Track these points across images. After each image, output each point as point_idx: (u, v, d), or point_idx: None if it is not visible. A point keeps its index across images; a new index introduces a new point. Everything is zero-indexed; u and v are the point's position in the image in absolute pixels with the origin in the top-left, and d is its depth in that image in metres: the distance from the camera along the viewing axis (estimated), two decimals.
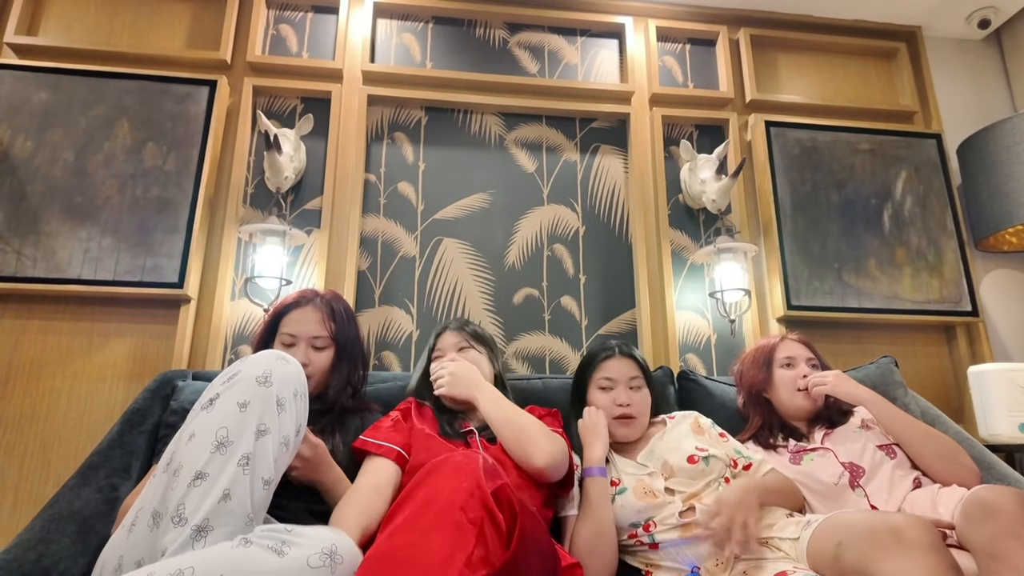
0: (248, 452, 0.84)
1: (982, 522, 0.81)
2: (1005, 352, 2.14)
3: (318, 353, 1.25)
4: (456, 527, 0.78)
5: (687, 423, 1.34)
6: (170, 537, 0.77)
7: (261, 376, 0.90)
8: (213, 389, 0.90)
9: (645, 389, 1.35)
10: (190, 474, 0.80)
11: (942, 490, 1.18)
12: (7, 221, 1.71)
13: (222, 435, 0.84)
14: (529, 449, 1.13)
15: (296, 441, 0.94)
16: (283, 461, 0.91)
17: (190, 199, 1.79)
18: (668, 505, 1.16)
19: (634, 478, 1.22)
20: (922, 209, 2.15)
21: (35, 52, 1.89)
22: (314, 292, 1.33)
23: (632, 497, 1.19)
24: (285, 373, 0.93)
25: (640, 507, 1.17)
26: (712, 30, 2.27)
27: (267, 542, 0.75)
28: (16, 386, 1.68)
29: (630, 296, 2.01)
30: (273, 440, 0.88)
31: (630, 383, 1.34)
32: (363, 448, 1.17)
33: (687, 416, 1.37)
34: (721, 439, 1.31)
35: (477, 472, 0.85)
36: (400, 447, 1.17)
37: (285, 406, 0.91)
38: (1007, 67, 2.47)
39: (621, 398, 1.31)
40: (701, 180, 2.01)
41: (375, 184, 1.99)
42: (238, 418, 0.86)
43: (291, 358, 0.97)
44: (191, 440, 0.84)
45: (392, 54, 2.12)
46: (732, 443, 1.31)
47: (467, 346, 1.39)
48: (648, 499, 1.17)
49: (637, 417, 1.31)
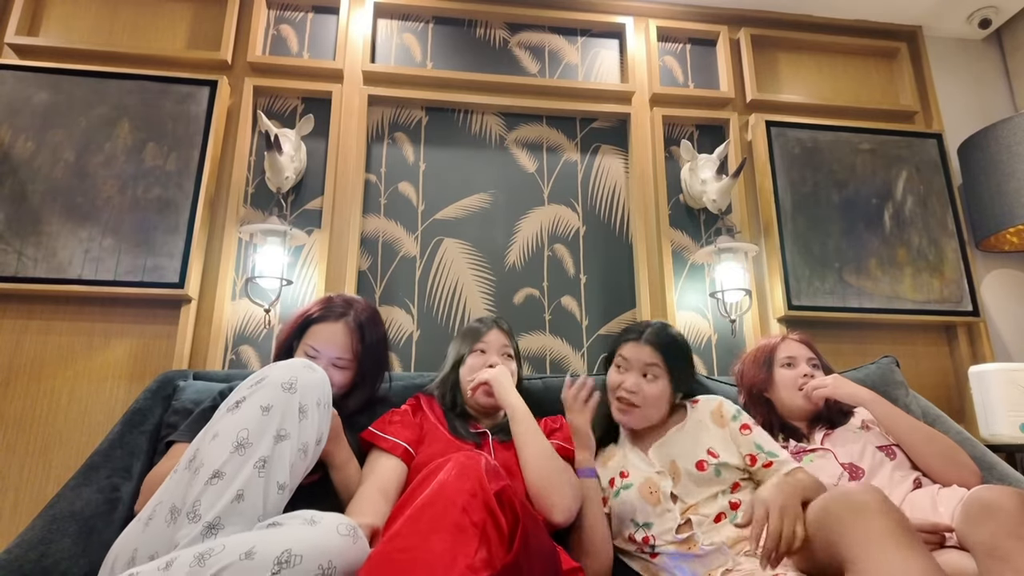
0: (265, 455, 0.85)
1: (982, 522, 0.81)
2: (1006, 352, 2.13)
3: (338, 371, 1.22)
4: (458, 529, 0.77)
5: (708, 411, 1.27)
6: (183, 532, 0.79)
7: (287, 382, 0.92)
8: (240, 392, 0.92)
9: (662, 381, 1.26)
10: (209, 472, 0.82)
11: (942, 490, 1.17)
12: (8, 221, 1.71)
13: (243, 436, 0.86)
14: (554, 500, 1.10)
15: (316, 450, 0.96)
16: (300, 468, 0.92)
17: (191, 199, 1.79)
18: (667, 515, 1.14)
19: (642, 475, 1.20)
20: (923, 209, 2.15)
21: (36, 52, 1.89)
22: (347, 304, 1.26)
23: (636, 494, 1.18)
24: (310, 381, 0.95)
25: (641, 507, 1.16)
26: (713, 30, 2.27)
27: (294, 521, 0.79)
28: (17, 386, 1.68)
29: (631, 296, 2.00)
30: (291, 446, 0.89)
31: (645, 370, 1.26)
32: (371, 440, 1.17)
33: (710, 402, 1.29)
34: (743, 433, 1.22)
35: (480, 473, 0.84)
36: (408, 443, 1.17)
37: (307, 413, 0.92)
38: (1008, 67, 2.46)
39: (628, 383, 1.25)
40: (702, 180, 2.01)
41: (375, 184, 1.99)
42: (260, 421, 0.87)
43: (318, 368, 0.99)
44: (214, 440, 0.86)
45: (392, 54, 2.12)
46: (755, 436, 1.21)
47: (510, 354, 1.35)
48: (651, 500, 1.16)
49: (640, 407, 1.24)
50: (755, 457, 1.19)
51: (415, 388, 1.47)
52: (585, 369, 1.91)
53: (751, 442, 1.21)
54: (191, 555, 0.72)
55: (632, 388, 1.24)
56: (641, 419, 1.26)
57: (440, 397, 1.33)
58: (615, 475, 1.25)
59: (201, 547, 0.73)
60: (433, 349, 1.86)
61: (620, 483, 1.22)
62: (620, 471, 1.24)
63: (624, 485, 1.20)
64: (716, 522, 1.12)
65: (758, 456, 1.18)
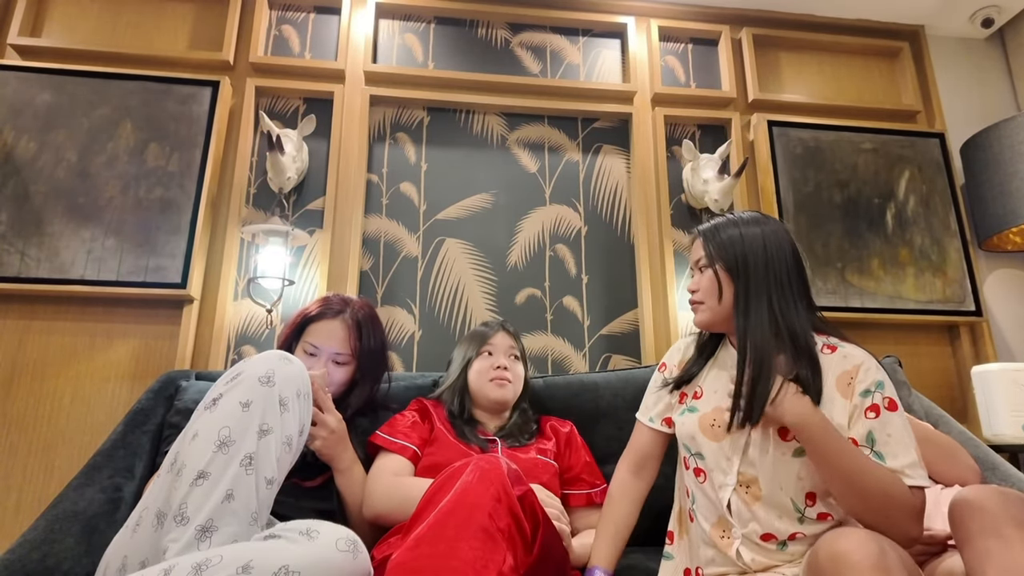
0: (251, 452, 0.84)
1: (966, 522, 0.81)
2: (1009, 352, 2.13)
3: (338, 368, 1.23)
4: (486, 535, 0.76)
5: (839, 370, 0.95)
6: (172, 536, 0.77)
7: (264, 376, 0.90)
8: (216, 389, 0.90)
9: (709, 272, 1.04)
10: (192, 473, 0.80)
11: (944, 491, 1.17)
12: (11, 222, 1.72)
13: (224, 435, 0.84)
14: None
15: (300, 441, 0.95)
16: (286, 461, 0.91)
17: (193, 200, 1.79)
18: (720, 472, 0.97)
19: (711, 404, 1.03)
20: (925, 209, 2.14)
21: (38, 53, 1.90)
22: (344, 303, 1.28)
23: (695, 425, 1.02)
24: (288, 373, 0.93)
25: (701, 439, 1.00)
26: (714, 30, 2.26)
27: (292, 534, 0.77)
28: (20, 386, 1.68)
29: (632, 296, 2.00)
30: (276, 440, 0.88)
31: (697, 265, 1.07)
32: (379, 444, 1.17)
33: (849, 359, 0.95)
34: (866, 417, 0.90)
35: (503, 477, 0.83)
36: (417, 447, 1.17)
37: (288, 406, 0.91)
38: (1010, 66, 2.46)
39: (693, 283, 1.06)
40: (703, 180, 2.01)
41: (377, 184, 2.00)
42: (240, 418, 0.86)
43: (294, 358, 0.97)
44: (194, 440, 0.84)
45: (394, 54, 2.12)
46: (881, 422, 0.89)
47: (517, 356, 1.36)
48: (710, 435, 0.99)
49: (704, 302, 1.04)
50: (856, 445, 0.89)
51: (416, 388, 1.48)
52: (586, 369, 1.91)
53: (866, 428, 0.90)
54: (189, 565, 0.71)
55: (695, 286, 1.06)
56: (708, 316, 1.05)
57: (448, 402, 1.33)
58: (689, 392, 1.09)
59: (199, 556, 0.72)
60: (435, 349, 1.86)
61: (686, 403, 1.07)
62: (695, 390, 1.08)
63: (689, 407, 1.05)
64: (763, 540, 0.93)
65: (862, 449, 0.88)
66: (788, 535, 0.93)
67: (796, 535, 0.92)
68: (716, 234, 1.05)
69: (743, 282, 1.00)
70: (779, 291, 0.98)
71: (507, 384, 1.29)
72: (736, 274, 1.01)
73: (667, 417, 1.11)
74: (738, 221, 1.05)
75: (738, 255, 1.01)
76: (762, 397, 0.92)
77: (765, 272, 0.99)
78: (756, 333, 0.96)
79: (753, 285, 0.99)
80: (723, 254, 1.02)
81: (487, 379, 1.29)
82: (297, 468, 1.01)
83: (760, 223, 1.04)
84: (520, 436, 1.28)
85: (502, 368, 1.29)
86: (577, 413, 1.46)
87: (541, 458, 1.23)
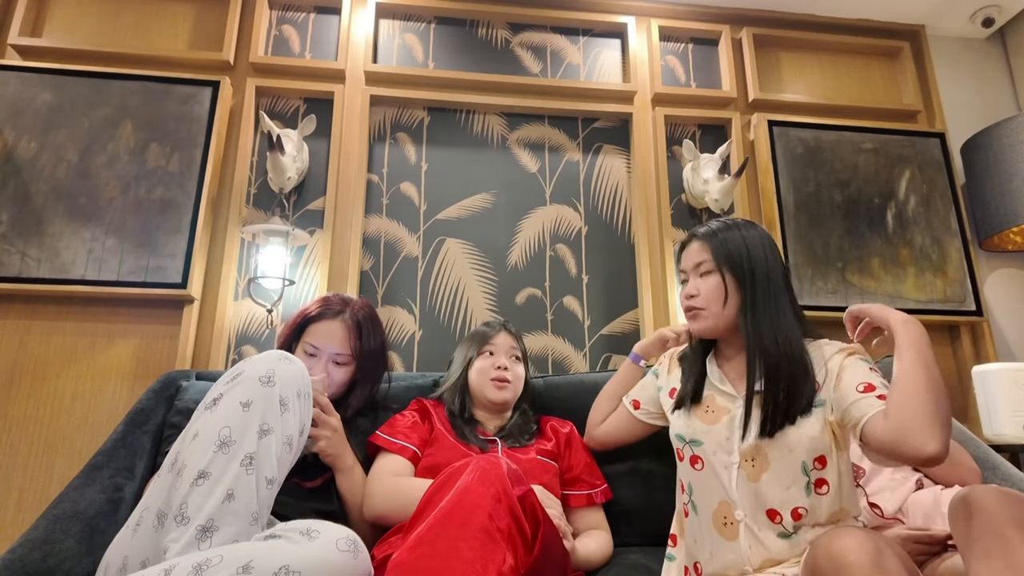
0: (251, 452, 0.84)
1: (966, 522, 0.81)
2: (1009, 352, 2.13)
3: (338, 368, 1.23)
4: (486, 535, 0.76)
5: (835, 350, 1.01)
6: (173, 536, 0.77)
7: (264, 376, 0.90)
8: (217, 389, 0.90)
9: (715, 277, 1.03)
10: (193, 473, 0.81)
11: (944, 491, 1.17)
12: (11, 222, 1.72)
13: (225, 435, 0.84)
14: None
15: (300, 441, 0.95)
16: (286, 461, 0.91)
17: (193, 200, 1.79)
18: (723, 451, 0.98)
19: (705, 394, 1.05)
20: (926, 208, 2.14)
21: (39, 53, 1.90)
22: (344, 303, 1.28)
23: (690, 413, 1.05)
24: (288, 373, 0.93)
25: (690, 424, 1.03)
26: (715, 29, 2.26)
27: (292, 534, 0.77)
28: (20, 387, 1.68)
29: (633, 296, 2.00)
30: (276, 440, 0.88)
31: (696, 271, 1.06)
32: (379, 444, 1.18)
33: (835, 344, 1.02)
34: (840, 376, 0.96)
35: (503, 477, 0.83)
36: (417, 447, 1.18)
37: (288, 406, 0.91)
38: (1011, 66, 2.46)
39: (690, 288, 1.07)
40: (704, 180, 2.01)
41: (377, 184, 2.00)
42: (241, 418, 0.86)
43: (295, 358, 0.97)
44: (194, 440, 0.84)
45: (394, 54, 2.12)
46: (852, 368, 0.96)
47: (518, 357, 1.36)
48: (706, 419, 1.01)
49: (705, 308, 1.03)
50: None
51: (417, 388, 1.48)
52: (587, 369, 1.91)
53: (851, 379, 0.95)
54: (189, 565, 0.71)
55: (693, 292, 1.06)
56: (704, 323, 1.05)
57: (449, 402, 1.33)
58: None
59: (199, 556, 0.72)
60: (435, 349, 1.86)
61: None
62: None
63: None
64: (768, 518, 0.94)
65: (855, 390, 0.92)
66: (792, 509, 0.93)
67: (799, 512, 0.93)
68: (720, 238, 1.05)
69: (750, 287, 1.01)
70: (781, 296, 1.03)
71: (507, 386, 1.29)
72: (743, 279, 1.01)
73: (636, 400, 1.26)
74: (738, 224, 1.06)
75: (744, 260, 1.02)
76: (805, 396, 0.95)
77: (768, 277, 1.01)
78: (769, 338, 0.98)
79: (760, 290, 1.01)
80: (730, 259, 1.03)
81: (488, 379, 1.29)
82: (298, 469, 1.01)
83: (754, 227, 1.07)
84: (520, 436, 1.28)
85: (502, 368, 1.29)
86: (577, 413, 1.46)
87: (541, 458, 1.23)
